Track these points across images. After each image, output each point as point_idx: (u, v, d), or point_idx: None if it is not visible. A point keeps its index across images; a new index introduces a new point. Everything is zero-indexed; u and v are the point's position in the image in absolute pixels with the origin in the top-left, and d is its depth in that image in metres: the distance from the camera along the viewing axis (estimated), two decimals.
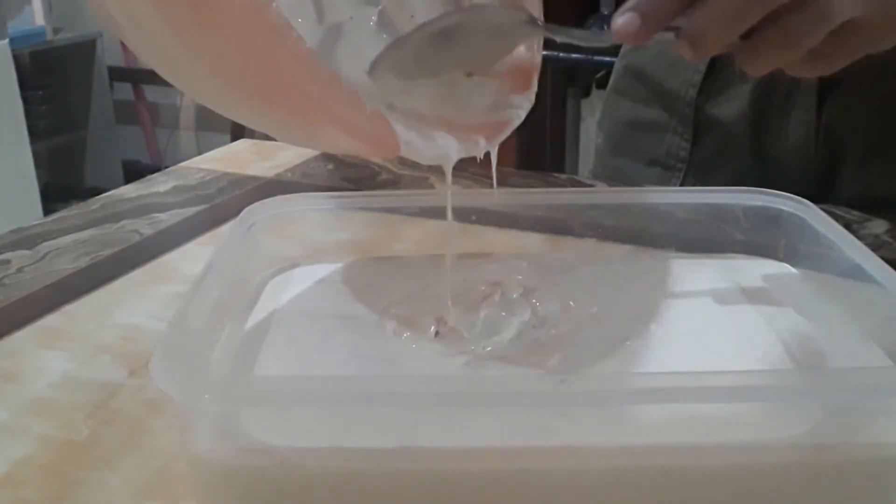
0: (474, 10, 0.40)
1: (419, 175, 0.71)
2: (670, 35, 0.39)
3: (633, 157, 0.74)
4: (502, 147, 0.41)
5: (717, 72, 0.68)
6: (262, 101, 0.32)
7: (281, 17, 0.28)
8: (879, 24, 0.39)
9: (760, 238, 0.44)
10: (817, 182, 0.64)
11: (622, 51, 0.76)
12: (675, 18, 0.39)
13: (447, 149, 0.37)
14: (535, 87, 0.42)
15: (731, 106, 0.68)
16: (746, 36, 0.39)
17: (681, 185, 0.71)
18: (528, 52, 0.42)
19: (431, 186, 0.69)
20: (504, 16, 0.40)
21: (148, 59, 0.34)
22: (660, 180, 0.72)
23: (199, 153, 0.78)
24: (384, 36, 0.40)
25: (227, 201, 0.65)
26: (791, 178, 0.65)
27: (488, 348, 0.36)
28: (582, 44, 0.42)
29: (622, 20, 0.38)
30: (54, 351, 0.44)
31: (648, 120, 0.73)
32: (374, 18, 0.41)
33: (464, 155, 0.38)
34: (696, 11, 0.38)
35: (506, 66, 0.42)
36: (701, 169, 0.70)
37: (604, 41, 0.40)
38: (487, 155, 0.39)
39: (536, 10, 0.42)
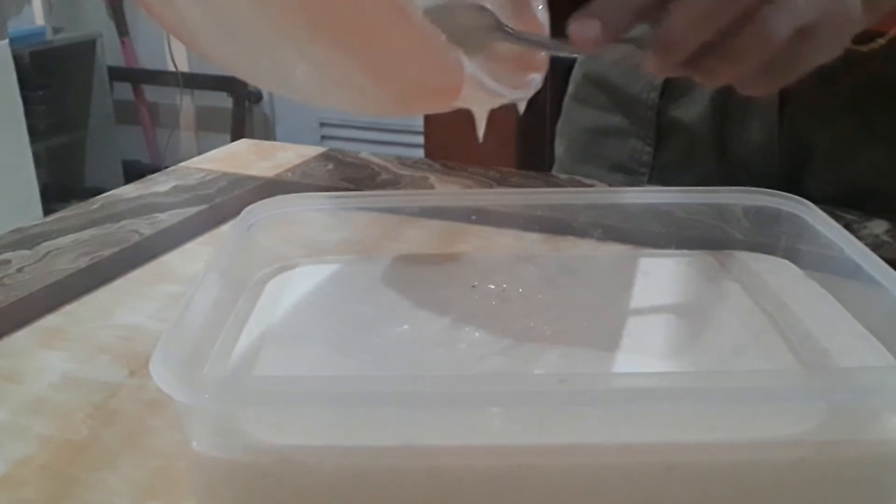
0: (439, 11, 0.40)
1: (419, 175, 0.71)
2: (630, 46, 0.38)
3: (597, 164, 0.74)
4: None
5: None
6: (330, 38, 0.30)
7: None
8: (832, 27, 0.39)
9: (760, 238, 0.44)
10: (784, 181, 0.64)
11: (580, 59, 0.76)
12: (634, 27, 0.38)
13: (504, 89, 0.37)
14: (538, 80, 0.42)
15: (693, 108, 0.68)
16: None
17: None
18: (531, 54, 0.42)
19: (431, 186, 0.69)
20: (470, 19, 0.39)
21: (183, 13, 0.31)
22: (624, 185, 0.72)
23: (199, 153, 0.78)
24: None
25: (227, 201, 0.65)
26: (756, 178, 0.65)
27: (489, 348, 0.36)
28: (547, 52, 0.42)
29: (579, 26, 0.37)
30: (54, 351, 0.44)
31: (610, 126, 0.73)
32: None
33: (514, 98, 0.38)
34: (667, 13, 0.37)
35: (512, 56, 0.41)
36: (665, 172, 0.71)
37: (565, 50, 0.39)
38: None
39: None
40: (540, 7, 0.42)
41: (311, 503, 0.30)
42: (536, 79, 0.42)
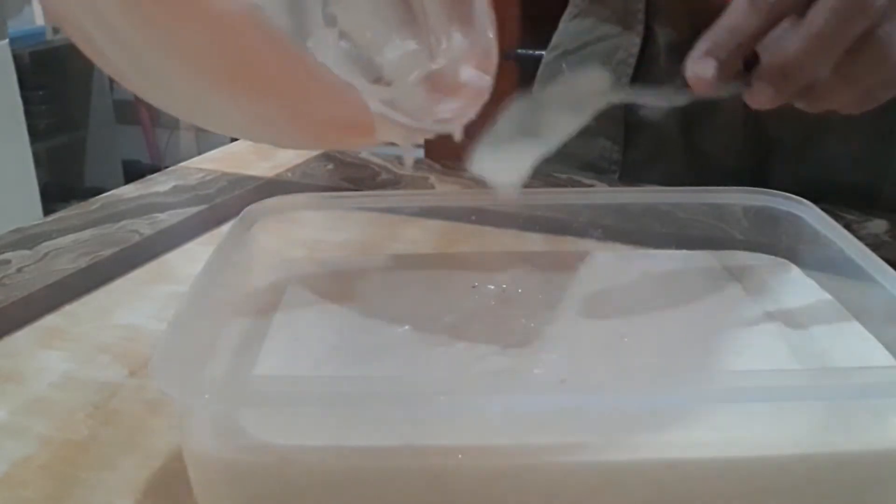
0: (565, 83, 0.40)
1: (419, 175, 0.71)
2: (738, 83, 0.38)
3: (566, 163, 0.74)
4: None
5: (645, 72, 0.68)
6: (231, 86, 0.31)
7: None
8: None
9: (760, 238, 0.44)
10: (750, 175, 0.64)
11: (545, 59, 0.76)
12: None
13: (421, 123, 0.37)
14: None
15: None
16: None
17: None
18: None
19: (431, 186, 0.69)
20: (591, 84, 0.39)
21: (114, 63, 0.33)
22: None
23: (199, 153, 0.78)
24: (352, 53, 0.40)
25: (227, 201, 0.65)
26: (724, 172, 0.65)
27: (489, 348, 0.36)
28: (662, 104, 0.42)
29: (697, 67, 0.37)
30: (54, 351, 0.44)
31: None
32: (335, 38, 0.40)
33: (438, 130, 0.38)
34: (782, 41, 0.36)
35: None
36: (634, 170, 0.71)
37: (682, 100, 0.39)
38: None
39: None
40: (490, 44, 0.42)
41: (311, 503, 0.30)
42: (467, 110, 0.41)
